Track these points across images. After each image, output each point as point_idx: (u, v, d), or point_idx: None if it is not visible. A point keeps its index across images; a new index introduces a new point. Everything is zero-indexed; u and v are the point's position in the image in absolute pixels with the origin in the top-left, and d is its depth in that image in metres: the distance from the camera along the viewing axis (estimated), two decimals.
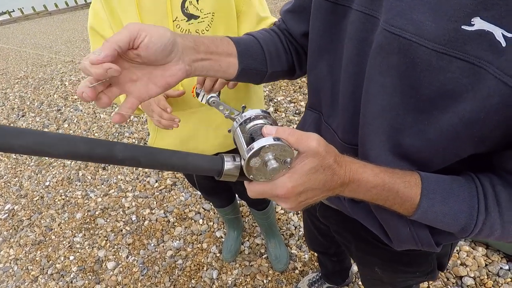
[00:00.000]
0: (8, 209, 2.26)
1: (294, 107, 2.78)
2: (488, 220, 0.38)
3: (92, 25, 0.86)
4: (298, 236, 1.70)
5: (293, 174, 0.36)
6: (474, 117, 0.34)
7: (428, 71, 0.35)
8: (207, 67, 0.46)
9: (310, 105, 0.62)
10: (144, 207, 2.05)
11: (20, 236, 2.01)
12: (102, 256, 1.78)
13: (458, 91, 0.34)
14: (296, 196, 0.37)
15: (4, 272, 1.80)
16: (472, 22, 0.31)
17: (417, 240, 0.48)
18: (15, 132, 0.27)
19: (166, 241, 1.80)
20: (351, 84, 0.47)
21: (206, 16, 0.79)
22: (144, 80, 0.41)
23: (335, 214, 0.68)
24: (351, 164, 0.40)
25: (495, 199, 0.39)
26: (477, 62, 0.32)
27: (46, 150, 0.28)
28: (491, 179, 0.40)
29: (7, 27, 9.76)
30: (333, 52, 0.50)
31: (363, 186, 0.40)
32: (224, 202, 1.46)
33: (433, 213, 0.40)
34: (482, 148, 0.38)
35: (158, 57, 0.39)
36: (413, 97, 0.38)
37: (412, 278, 0.70)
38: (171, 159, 0.34)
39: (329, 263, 1.19)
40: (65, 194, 2.29)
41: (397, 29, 0.36)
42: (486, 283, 1.33)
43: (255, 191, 0.38)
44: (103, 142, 0.32)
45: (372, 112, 0.43)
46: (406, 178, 0.41)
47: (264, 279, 1.52)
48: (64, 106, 3.62)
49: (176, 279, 1.59)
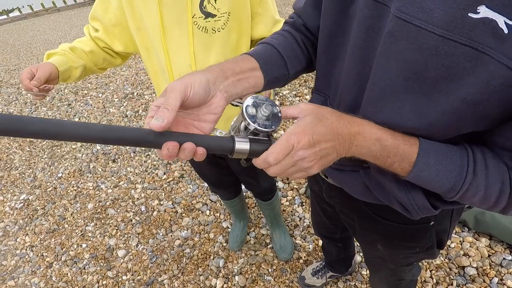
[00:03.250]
0: (23, 199, 2.35)
1: (300, 101, 2.79)
2: (475, 181, 0.42)
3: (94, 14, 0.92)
4: (302, 227, 1.74)
5: (299, 122, 0.41)
6: (478, 98, 0.36)
7: (434, 55, 0.37)
8: (239, 87, 0.49)
9: (317, 88, 0.64)
10: (153, 198, 2.11)
11: (35, 225, 2.10)
12: (113, 244, 1.85)
13: (460, 75, 0.37)
14: (310, 143, 0.40)
15: (21, 258, 1.89)
16: (478, 10, 0.33)
17: (413, 204, 0.51)
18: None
19: (174, 231, 1.85)
20: (355, 68, 0.49)
21: (223, 15, 0.83)
22: (196, 123, 0.45)
23: (340, 193, 0.71)
24: (354, 117, 0.44)
25: (483, 163, 0.42)
26: (480, 48, 0.34)
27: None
28: (482, 149, 0.44)
29: (18, 23, 9.92)
30: (341, 37, 0.52)
31: (368, 139, 0.43)
32: (230, 194, 1.50)
33: (427, 172, 0.43)
34: (482, 125, 0.41)
35: (202, 101, 0.43)
36: (415, 82, 0.41)
37: (412, 254, 0.73)
38: (189, 138, 0.39)
39: (334, 250, 1.22)
40: (77, 185, 2.37)
41: (408, 16, 0.38)
42: (488, 273, 1.35)
43: (274, 151, 0.40)
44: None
45: (374, 95, 0.46)
46: (405, 137, 0.44)
47: (269, 268, 1.57)
48: (74, 101, 3.71)
49: (184, 267, 1.64)
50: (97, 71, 1.05)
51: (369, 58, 0.46)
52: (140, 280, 1.63)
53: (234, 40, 0.90)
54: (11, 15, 10.63)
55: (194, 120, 0.45)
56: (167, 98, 0.38)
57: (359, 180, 0.59)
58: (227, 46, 0.89)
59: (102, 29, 0.95)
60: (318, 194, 0.88)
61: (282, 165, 0.41)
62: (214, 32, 0.85)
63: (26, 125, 0.32)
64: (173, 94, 0.38)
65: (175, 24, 0.83)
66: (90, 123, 0.36)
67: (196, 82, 0.41)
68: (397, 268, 0.82)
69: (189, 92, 0.40)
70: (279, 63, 0.57)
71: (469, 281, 1.35)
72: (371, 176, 0.55)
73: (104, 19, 0.92)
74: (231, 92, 0.48)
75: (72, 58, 0.94)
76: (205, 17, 0.82)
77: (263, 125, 0.42)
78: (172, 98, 0.38)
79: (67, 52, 0.93)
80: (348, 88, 0.52)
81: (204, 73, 0.44)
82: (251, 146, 0.42)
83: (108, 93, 3.77)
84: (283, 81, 0.60)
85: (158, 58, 0.91)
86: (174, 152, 0.38)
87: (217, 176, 1.32)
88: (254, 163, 0.44)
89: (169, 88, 0.39)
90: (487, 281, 1.33)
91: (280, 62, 0.57)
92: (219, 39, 0.86)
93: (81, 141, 0.35)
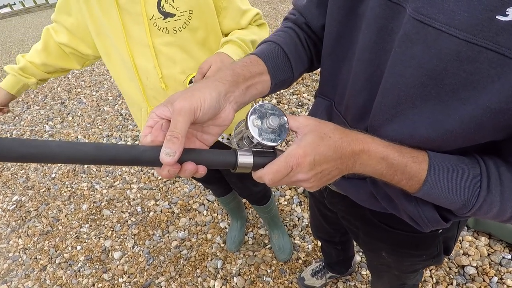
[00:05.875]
0: (15, 200, 2.30)
1: (297, 99, 2.77)
2: (489, 197, 0.39)
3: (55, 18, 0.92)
4: (301, 227, 1.72)
5: (301, 141, 0.38)
6: (504, 107, 0.34)
7: (456, 61, 0.34)
8: (247, 95, 0.47)
9: (322, 92, 0.61)
10: (149, 198, 2.08)
11: (28, 227, 2.05)
12: (109, 246, 1.81)
13: (483, 82, 0.34)
14: (311, 166, 0.37)
15: (14, 261, 1.85)
16: (507, 12, 0.30)
17: (422, 217, 0.48)
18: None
19: (171, 232, 1.83)
20: (365, 71, 0.46)
21: (183, 14, 0.81)
22: (199, 135, 0.42)
23: (343, 200, 0.69)
24: (358, 134, 0.41)
25: (498, 178, 0.40)
26: (508, 53, 0.31)
27: None
28: (496, 161, 0.41)
29: (9, 20, 9.74)
30: (349, 38, 0.49)
31: (374, 157, 0.40)
32: (223, 189, 1.47)
33: (438, 189, 0.41)
34: (501, 135, 0.38)
35: (211, 118, 0.40)
36: (433, 89, 0.38)
37: (419, 262, 0.71)
38: (190, 156, 0.36)
39: (334, 252, 1.20)
40: (71, 186, 2.32)
41: (427, 18, 0.35)
42: (488, 272, 1.35)
43: (271, 172, 0.38)
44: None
45: (387, 102, 0.43)
46: (414, 154, 0.42)
47: (268, 269, 1.55)
48: (68, 99, 3.64)
49: (181, 269, 1.62)
50: (56, 76, 1.07)
51: (381, 61, 0.43)
52: (137, 282, 1.60)
53: (201, 38, 0.88)
54: (2, 12, 10.44)
55: (197, 131, 0.42)
56: (175, 122, 0.35)
57: (365, 189, 0.56)
58: (193, 45, 0.87)
59: (66, 33, 0.93)
60: (319, 199, 0.86)
61: (279, 183, 0.39)
62: (176, 32, 0.83)
63: (8, 149, 0.28)
64: (181, 118, 0.35)
65: (134, 27, 0.82)
66: (79, 143, 0.32)
67: (207, 100, 0.38)
68: (402, 275, 0.81)
69: (198, 113, 0.37)
70: (286, 65, 0.54)
71: (469, 280, 1.35)
72: (378, 186, 0.53)
73: (67, 22, 0.90)
74: (240, 101, 0.45)
75: (24, 77, 0.98)
76: (164, 17, 0.81)
77: (269, 139, 0.39)
78: (180, 123, 0.35)
79: (17, 74, 0.97)
80: (357, 93, 0.49)
81: (215, 85, 0.40)
82: (254, 160, 0.39)
83: (102, 91, 3.71)
84: (287, 84, 0.57)
85: (123, 62, 0.89)
86: (174, 172, 0.36)
87: (206, 175, 1.29)
88: (252, 175, 0.41)
89: (177, 109, 0.35)
90: (487, 280, 1.33)
91: (286, 64, 0.55)
92: (183, 38, 0.85)
93: (70, 163, 0.32)
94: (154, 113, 0.37)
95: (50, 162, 0.31)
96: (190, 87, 0.40)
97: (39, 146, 0.30)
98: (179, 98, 0.37)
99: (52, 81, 4.26)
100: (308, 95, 2.80)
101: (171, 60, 0.86)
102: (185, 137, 0.34)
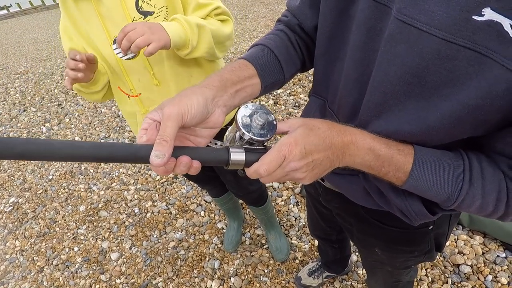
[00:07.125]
0: (12, 202, 2.29)
1: (294, 100, 2.78)
2: (471, 190, 0.41)
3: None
4: (298, 227, 1.73)
5: (291, 133, 0.41)
6: (480, 103, 0.35)
7: (436, 59, 0.36)
8: (237, 98, 0.49)
9: (315, 91, 0.63)
10: (146, 199, 2.08)
11: (25, 228, 2.05)
12: (106, 247, 1.81)
13: (462, 79, 0.36)
14: (302, 154, 0.39)
15: (11, 263, 1.84)
16: (483, 12, 0.32)
17: (410, 210, 0.50)
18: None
19: (168, 233, 1.83)
20: (356, 71, 0.48)
21: (161, 10, 0.83)
22: (192, 138, 0.44)
23: (337, 197, 0.70)
24: (345, 126, 0.43)
25: (480, 172, 0.41)
26: (484, 52, 0.33)
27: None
28: (478, 156, 0.43)
29: (5, 22, 9.71)
30: (341, 39, 0.51)
31: (361, 148, 0.42)
32: (218, 189, 1.47)
33: (423, 182, 0.42)
34: (480, 131, 0.40)
35: (199, 122, 0.42)
36: (416, 86, 0.39)
37: (411, 258, 0.72)
38: (184, 152, 0.38)
39: (330, 250, 1.21)
40: (68, 187, 2.32)
41: (409, 18, 0.37)
42: (483, 271, 1.36)
43: (265, 162, 0.39)
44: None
45: (374, 99, 0.45)
46: (400, 147, 0.43)
47: (265, 269, 1.55)
48: (65, 101, 3.64)
49: (178, 269, 1.62)
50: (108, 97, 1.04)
51: (370, 60, 0.45)
52: (134, 283, 1.60)
53: None
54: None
55: (190, 135, 0.44)
56: (164, 127, 0.37)
57: (358, 184, 0.57)
58: None
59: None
60: (314, 197, 0.87)
61: (274, 176, 0.40)
62: None
63: (9, 147, 0.30)
64: (170, 123, 0.37)
65: (118, 31, 0.83)
66: (77, 141, 0.34)
67: (194, 105, 0.40)
68: (395, 271, 0.82)
69: (186, 118, 0.39)
70: (276, 68, 0.56)
71: (464, 279, 1.36)
72: (370, 180, 0.54)
73: (78, 46, 0.91)
74: (230, 105, 0.47)
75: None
76: (144, 17, 0.83)
77: (258, 134, 0.41)
78: (169, 127, 0.37)
79: None
80: (348, 91, 0.51)
81: (202, 91, 0.43)
82: (246, 157, 0.41)
83: None
84: (278, 85, 0.59)
85: (111, 68, 0.91)
86: (170, 167, 0.38)
87: (201, 175, 1.30)
88: (246, 173, 0.43)
89: (166, 114, 0.38)
90: (482, 278, 1.34)
91: (277, 66, 0.56)
92: None
93: (70, 161, 0.34)
94: (147, 118, 0.39)
95: (50, 159, 0.33)
96: (179, 94, 0.42)
97: (41, 144, 0.32)
98: (168, 104, 0.39)
99: (49, 83, 4.26)
100: (304, 96, 2.81)
101: (159, 56, 0.89)
102: (173, 140, 0.37)
